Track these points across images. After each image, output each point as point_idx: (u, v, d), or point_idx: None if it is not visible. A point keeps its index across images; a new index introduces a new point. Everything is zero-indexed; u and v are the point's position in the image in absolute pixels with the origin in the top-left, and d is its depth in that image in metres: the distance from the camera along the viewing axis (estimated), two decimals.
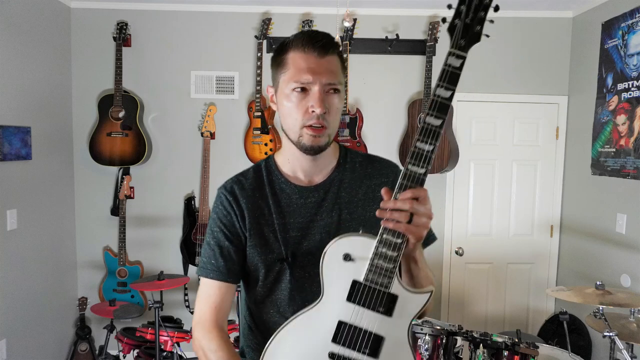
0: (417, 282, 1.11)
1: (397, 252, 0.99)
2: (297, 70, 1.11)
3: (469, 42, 0.96)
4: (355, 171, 1.26)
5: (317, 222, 1.19)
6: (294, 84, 1.11)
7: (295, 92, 1.11)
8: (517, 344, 1.99)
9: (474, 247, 3.67)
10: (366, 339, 1.02)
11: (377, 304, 1.02)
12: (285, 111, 1.15)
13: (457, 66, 0.96)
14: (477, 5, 0.95)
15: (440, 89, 0.97)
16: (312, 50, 1.11)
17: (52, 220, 3.33)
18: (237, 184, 1.23)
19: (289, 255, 1.16)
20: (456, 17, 0.96)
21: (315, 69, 1.10)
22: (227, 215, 1.21)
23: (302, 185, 1.22)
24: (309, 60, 1.11)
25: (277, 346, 1.07)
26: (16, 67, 2.92)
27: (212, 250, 1.22)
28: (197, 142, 3.57)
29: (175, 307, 3.55)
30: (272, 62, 1.19)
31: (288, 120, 1.15)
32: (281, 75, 1.15)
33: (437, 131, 0.97)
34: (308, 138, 1.13)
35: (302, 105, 1.12)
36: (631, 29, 2.90)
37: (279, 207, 1.20)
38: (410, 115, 3.46)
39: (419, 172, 0.98)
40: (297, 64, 1.11)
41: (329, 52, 1.13)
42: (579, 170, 3.44)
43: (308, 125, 1.12)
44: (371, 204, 1.22)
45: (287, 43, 1.15)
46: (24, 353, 3.05)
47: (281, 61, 1.15)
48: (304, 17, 3.47)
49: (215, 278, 1.21)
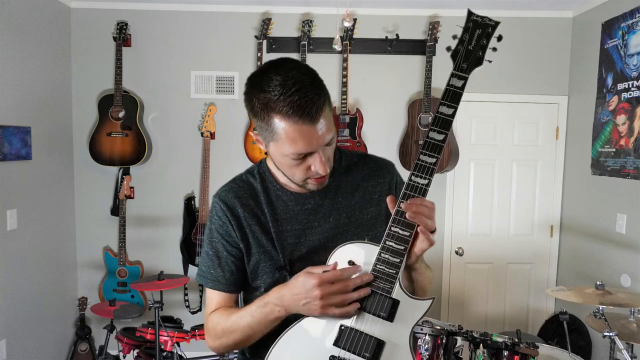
0: (418, 286, 1.13)
1: (400, 258, 1.02)
2: (292, 142, 1.02)
3: (470, 66, 1.03)
4: (351, 174, 1.25)
5: (314, 229, 1.19)
6: (292, 155, 1.05)
7: (293, 159, 1.06)
8: (517, 344, 1.99)
9: (474, 247, 3.67)
10: (367, 343, 1.03)
11: (379, 309, 1.03)
12: (281, 165, 1.12)
13: (459, 86, 1.03)
14: (480, 34, 1.03)
15: (443, 107, 1.03)
16: (304, 121, 1.00)
17: (52, 220, 3.33)
18: (232, 192, 1.21)
19: (287, 263, 1.16)
20: (459, 44, 1.03)
21: (312, 139, 1.02)
22: (222, 226, 1.20)
23: (297, 192, 1.20)
24: (302, 131, 1.01)
25: (280, 349, 1.08)
26: (16, 67, 2.92)
27: (211, 260, 1.21)
28: (197, 142, 3.57)
29: (175, 307, 3.55)
30: (251, 110, 1.06)
31: (288, 172, 1.12)
32: (271, 139, 1.06)
33: (440, 145, 1.03)
34: (313, 185, 1.14)
35: (303, 165, 1.09)
36: (631, 29, 2.90)
37: (275, 215, 1.19)
38: (410, 115, 3.46)
39: (422, 184, 1.03)
40: (290, 137, 1.02)
41: (321, 112, 1.02)
42: (579, 170, 3.44)
43: (312, 177, 1.11)
44: (368, 207, 1.22)
45: (269, 99, 1.01)
46: (24, 353, 3.05)
47: (266, 122, 1.04)
48: (304, 17, 3.47)
49: (214, 288, 1.22)
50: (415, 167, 1.04)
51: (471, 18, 1.04)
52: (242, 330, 1.13)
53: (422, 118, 3.40)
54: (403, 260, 1.03)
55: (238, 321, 1.13)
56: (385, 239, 1.03)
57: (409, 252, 1.05)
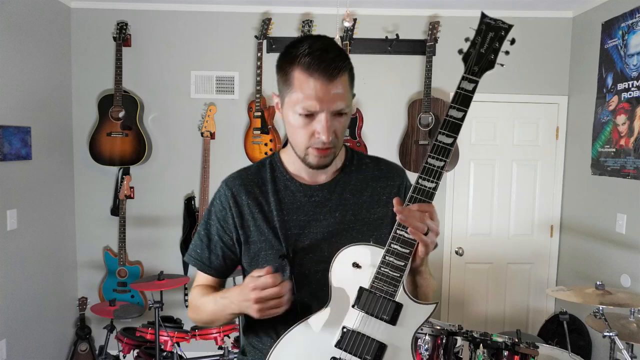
0: (421, 292, 1.13)
1: (404, 261, 1.03)
2: (303, 94, 1.05)
3: (482, 69, 1.03)
4: (362, 173, 1.25)
5: (319, 222, 1.19)
6: (300, 109, 1.06)
7: (301, 115, 1.07)
8: (517, 344, 1.99)
9: (474, 247, 3.67)
10: (369, 345, 1.04)
11: (382, 312, 1.04)
12: (291, 129, 1.13)
13: (469, 90, 1.03)
14: (493, 37, 1.02)
15: (453, 110, 1.03)
16: (320, 75, 1.03)
17: (52, 220, 3.33)
18: (239, 179, 1.24)
19: (290, 252, 1.16)
20: (471, 46, 1.03)
21: (323, 97, 1.04)
22: (222, 211, 1.22)
23: (306, 184, 1.21)
24: (315, 86, 1.04)
25: (282, 348, 1.08)
26: (16, 67, 2.92)
27: (201, 240, 1.25)
28: (197, 142, 3.57)
29: (175, 307, 3.55)
30: (278, 69, 1.12)
31: (294, 137, 1.14)
32: (287, 92, 1.09)
33: (448, 149, 1.04)
34: (313, 158, 1.13)
35: (308, 128, 1.09)
36: (631, 29, 2.90)
37: (281, 204, 1.20)
38: (410, 115, 3.46)
39: (430, 187, 1.03)
40: (303, 88, 1.05)
41: (338, 75, 1.05)
42: (579, 170, 3.44)
43: (314, 146, 1.11)
44: (376, 207, 1.23)
45: (294, 55, 1.06)
46: (24, 353, 3.06)
47: (286, 75, 1.08)
48: (304, 17, 3.47)
49: (197, 268, 1.26)
50: (423, 170, 1.04)
51: (484, 20, 1.03)
52: (207, 314, 1.20)
53: (422, 118, 3.40)
54: (407, 264, 1.03)
55: (205, 305, 1.20)
56: (390, 242, 1.03)
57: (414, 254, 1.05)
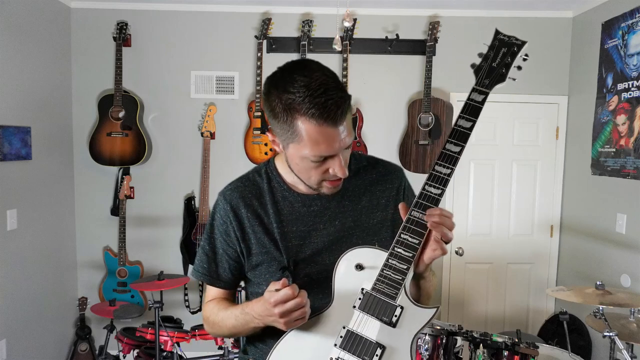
0: (424, 293, 1.14)
1: (407, 264, 1.03)
2: (314, 144, 1.01)
3: (492, 82, 1.04)
4: (359, 178, 1.24)
5: (319, 231, 1.18)
6: (312, 157, 1.04)
7: (313, 161, 1.05)
8: (517, 344, 1.99)
9: (474, 247, 3.67)
10: (368, 347, 1.04)
11: (382, 314, 1.04)
12: (298, 167, 1.10)
13: (479, 101, 1.04)
14: (505, 52, 1.04)
15: (462, 120, 1.04)
16: (328, 124, 1.00)
17: (52, 220, 3.33)
18: (236, 191, 1.21)
19: (291, 264, 1.16)
20: (483, 60, 1.05)
21: (335, 143, 1.02)
22: (223, 225, 1.21)
23: (304, 193, 1.20)
24: (326, 133, 1.00)
25: (282, 348, 1.09)
26: (16, 67, 2.92)
27: (206, 255, 1.24)
28: (197, 142, 3.57)
29: (175, 307, 3.55)
30: (271, 111, 1.04)
31: (303, 174, 1.11)
32: (291, 139, 1.04)
33: (456, 157, 1.04)
34: (328, 189, 1.14)
35: (321, 168, 1.08)
36: (631, 29, 2.90)
37: (280, 216, 1.18)
38: (410, 115, 3.46)
39: (436, 194, 1.04)
40: (313, 138, 1.01)
41: (344, 115, 1.02)
42: (579, 170, 3.44)
43: (328, 179, 1.11)
44: (375, 211, 1.22)
45: (294, 103, 0.99)
46: (24, 353, 3.05)
47: (288, 124, 1.02)
48: (304, 17, 3.47)
49: (207, 282, 1.25)
50: (430, 177, 1.04)
51: (497, 37, 1.06)
52: (228, 329, 1.20)
53: (422, 118, 3.40)
54: (410, 267, 1.03)
55: (225, 320, 1.19)
56: (394, 245, 1.04)
57: (418, 260, 1.05)
